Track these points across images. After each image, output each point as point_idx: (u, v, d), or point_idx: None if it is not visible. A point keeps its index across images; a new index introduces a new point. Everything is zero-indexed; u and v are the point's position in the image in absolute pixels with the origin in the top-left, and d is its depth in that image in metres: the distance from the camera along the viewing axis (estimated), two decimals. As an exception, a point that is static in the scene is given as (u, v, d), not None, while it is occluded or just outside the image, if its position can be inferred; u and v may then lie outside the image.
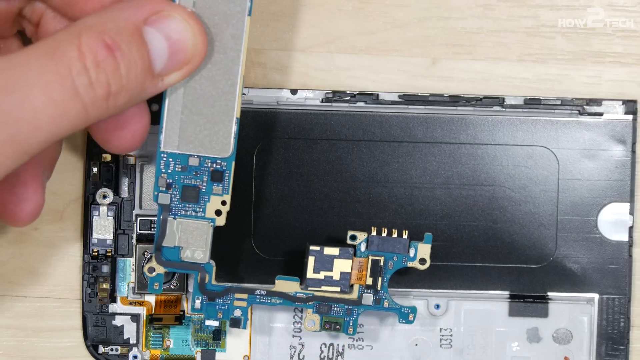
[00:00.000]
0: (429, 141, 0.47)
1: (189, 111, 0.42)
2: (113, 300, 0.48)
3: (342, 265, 0.45)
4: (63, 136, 0.37)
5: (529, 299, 0.47)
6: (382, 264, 0.45)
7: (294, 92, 0.47)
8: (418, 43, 0.48)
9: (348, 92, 0.47)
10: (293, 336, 0.48)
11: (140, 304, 0.48)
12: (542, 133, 0.47)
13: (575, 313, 0.48)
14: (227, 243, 0.47)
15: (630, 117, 0.47)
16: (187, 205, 0.43)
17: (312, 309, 0.45)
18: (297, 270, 0.46)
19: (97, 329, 0.48)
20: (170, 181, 0.43)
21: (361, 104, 0.47)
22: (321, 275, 0.45)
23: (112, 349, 0.48)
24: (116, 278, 0.48)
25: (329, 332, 0.46)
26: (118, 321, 0.48)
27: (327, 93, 0.47)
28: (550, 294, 0.48)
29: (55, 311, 0.48)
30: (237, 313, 0.45)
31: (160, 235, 0.44)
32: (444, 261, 0.47)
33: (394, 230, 0.45)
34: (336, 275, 0.45)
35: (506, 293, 0.48)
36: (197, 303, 0.45)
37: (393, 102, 0.47)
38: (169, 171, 0.43)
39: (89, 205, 0.48)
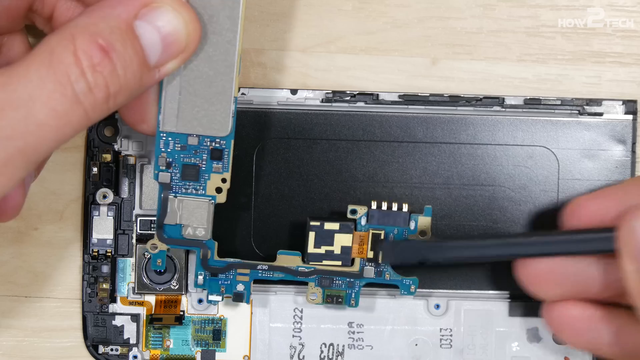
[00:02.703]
0: (429, 141, 0.47)
1: (187, 92, 0.42)
2: (113, 300, 0.48)
3: (342, 240, 0.45)
4: (67, 141, 0.37)
5: (529, 299, 0.47)
6: (382, 237, 0.45)
7: (294, 92, 0.47)
8: (418, 43, 0.48)
9: (348, 92, 0.47)
10: (293, 336, 0.48)
11: (140, 304, 0.48)
12: (542, 133, 0.47)
13: (575, 313, 0.48)
14: (227, 243, 0.47)
15: (630, 117, 0.47)
16: (188, 184, 0.44)
17: (314, 283, 0.45)
18: (297, 270, 0.46)
19: (97, 329, 0.48)
20: (170, 160, 0.43)
21: (361, 104, 0.47)
22: (322, 249, 0.45)
23: (112, 349, 0.48)
24: (116, 278, 0.48)
25: (331, 305, 0.46)
26: (118, 321, 0.48)
27: (327, 93, 0.47)
28: (550, 294, 0.48)
29: (55, 311, 0.48)
30: (240, 288, 0.45)
31: (161, 214, 0.44)
32: (444, 261, 0.47)
33: (394, 203, 0.45)
34: (337, 250, 0.45)
35: (506, 293, 0.48)
36: (200, 279, 0.45)
37: (393, 102, 0.47)
38: (169, 150, 0.43)
39: (89, 205, 0.48)
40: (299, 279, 0.46)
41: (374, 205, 0.45)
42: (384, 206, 0.45)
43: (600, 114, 0.47)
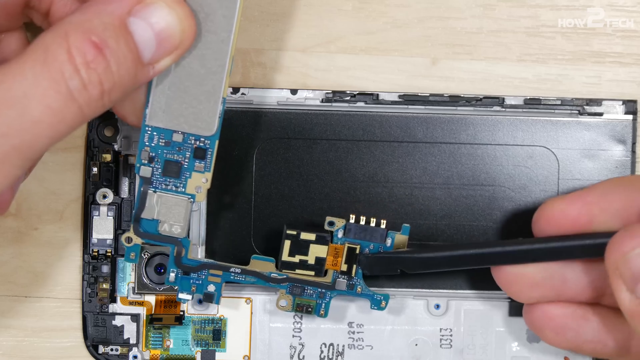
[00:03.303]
0: (429, 141, 0.47)
1: (176, 88, 0.42)
2: (113, 300, 0.48)
3: (317, 251, 0.45)
4: (62, 138, 0.37)
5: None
6: (358, 251, 0.45)
7: (294, 92, 0.47)
8: (418, 43, 0.48)
9: (348, 92, 0.47)
10: (293, 336, 0.48)
11: (140, 304, 0.48)
12: (542, 133, 0.47)
13: (575, 313, 0.48)
14: (227, 243, 0.47)
15: (630, 117, 0.47)
16: (168, 180, 0.44)
17: (285, 290, 0.45)
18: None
19: (97, 329, 0.48)
20: (153, 155, 0.43)
21: (361, 104, 0.47)
22: (296, 258, 0.45)
23: (112, 349, 0.48)
24: (116, 278, 0.48)
25: (300, 314, 0.46)
26: (118, 321, 0.48)
27: (327, 93, 0.47)
28: (550, 294, 0.48)
29: (55, 311, 0.48)
30: (211, 288, 0.45)
31: (139, 207, 0.44)
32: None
33: (372, 219, 0.45)
34: (311, 260, 0.45)
35: (506, 293, 0.48)
36: (172, 276, 0.45)
37: (393, 102, 0.47)
38: (153, 145, 0.43)
39: (89, 205, 0.48)
40: (270, 285, 0.46)
41: (352, 219, 0.45)
42: (362, 221, 0.45)
43: (600, 114, 0.47)
